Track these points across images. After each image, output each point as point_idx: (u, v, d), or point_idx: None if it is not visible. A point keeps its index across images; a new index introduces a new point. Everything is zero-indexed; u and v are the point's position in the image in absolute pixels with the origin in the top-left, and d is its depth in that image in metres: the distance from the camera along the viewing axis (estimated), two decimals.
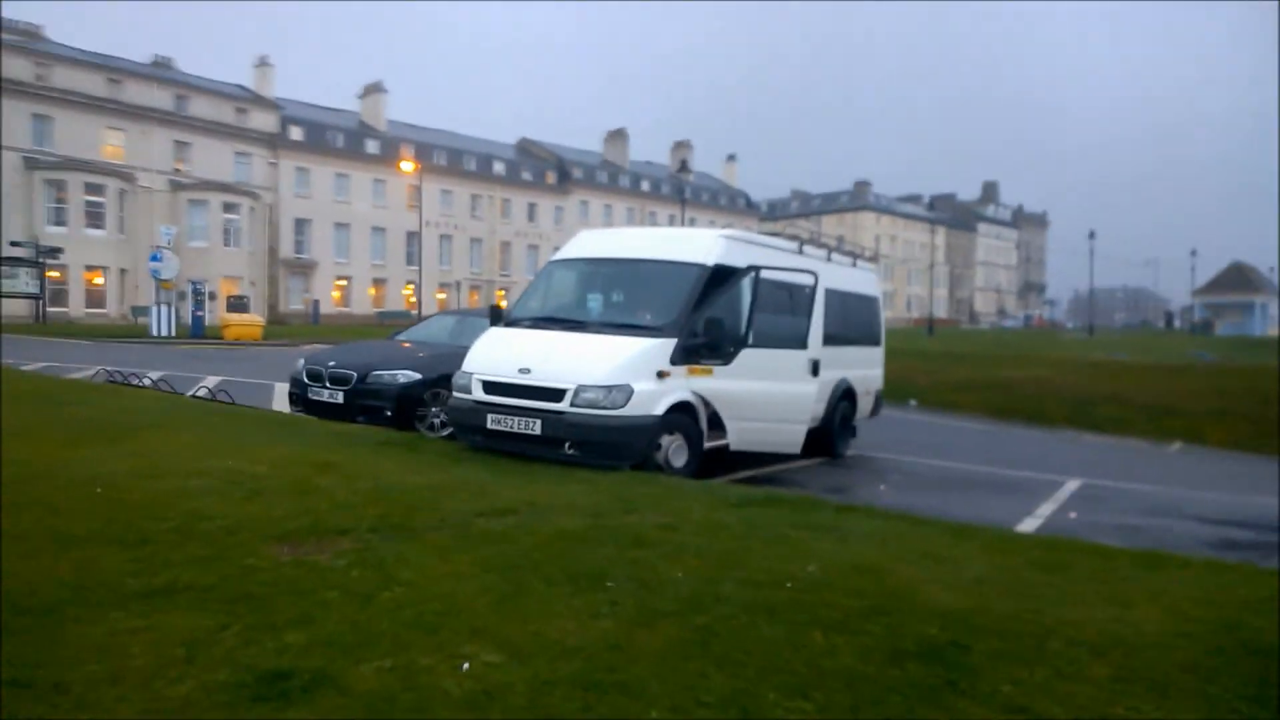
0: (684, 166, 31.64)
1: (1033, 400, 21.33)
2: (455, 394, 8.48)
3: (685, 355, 8.12)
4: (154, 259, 27.81)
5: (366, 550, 4.65)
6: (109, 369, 14.11)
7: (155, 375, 14.49)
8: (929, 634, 3.75)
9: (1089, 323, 77.26)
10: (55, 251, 36.04)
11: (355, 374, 10.30)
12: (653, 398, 7.81)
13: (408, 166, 48.51)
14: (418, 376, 10.26)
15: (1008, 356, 30.15)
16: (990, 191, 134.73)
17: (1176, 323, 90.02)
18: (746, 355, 8.28)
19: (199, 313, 28.27)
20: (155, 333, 27.39)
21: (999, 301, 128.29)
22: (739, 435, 8.52)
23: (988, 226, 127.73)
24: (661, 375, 7.91)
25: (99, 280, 46.64)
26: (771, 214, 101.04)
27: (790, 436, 8.63)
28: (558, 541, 4.90)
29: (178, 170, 52.10)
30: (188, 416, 9.26)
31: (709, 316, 8.17)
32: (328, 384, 10.39)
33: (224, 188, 52.55)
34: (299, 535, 4.87)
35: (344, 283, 61.97)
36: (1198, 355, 39.31)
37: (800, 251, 10.26)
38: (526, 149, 78.54)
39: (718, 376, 8.28)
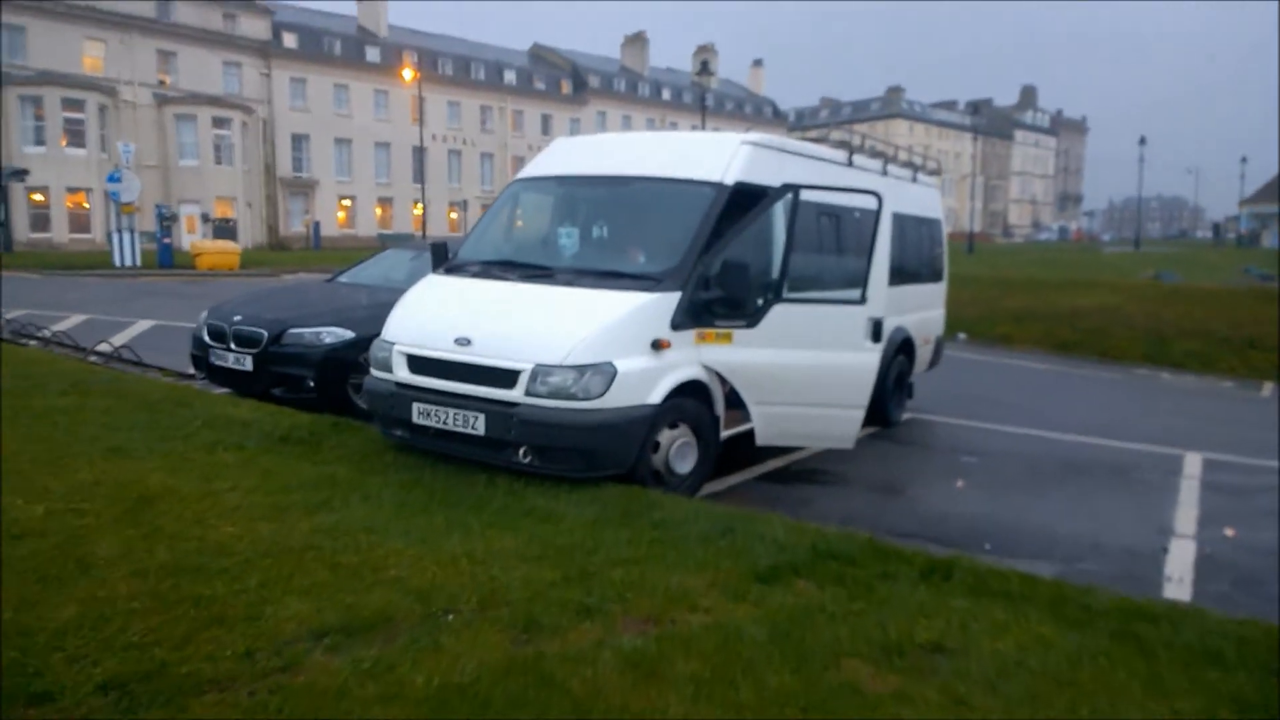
0: (705, 68, 28.33)
1: (1099, 333, 18.68)
2: (372, 371, 6.12)
3: (693, 315, 5.71)
4: (112, 179, 25.01)
5: None
6: (9, 317, 11.85)
7: (68, 324, 12.25)
8: None
9: (1135, 235, 73.20)
10: (21, 174, 33.43)
11: (266, 332, 7.92)
12: (646, 380, 5.43)
13: (408, 75, 45.14)
14: (350, 335, 7.87)
15: (1064, 281, 27.26)
16: (1029, 97, 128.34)
17: (1225, 234, 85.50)
18: (780, 313, 5.82)
19: (165, 240, 25.76)
20: (118, 263, 24.93)
21: (1034, 213, 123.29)
22: (768, 425, 6.12)
23: (1025, 134, 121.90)
24: (659, 346, 5.51)
25: (85, 203, 44.14)
26: (799, 123, 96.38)
27: (840, 427, 6.22)
28: None
29: (162, 83, 48.90)
30: (35, 399, 6.99)
31: (727, 259, 5.71)
32: (232, 345, 8.05)
33: (213, 101, 49.40)
34: None
35: (348, 203, 59.16)
36: (1251, 272, 36.19)
37: (850, 164, 7.67)
38: (539, 56, 74.26)
39: (739, 344, 5.85)
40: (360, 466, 5.53)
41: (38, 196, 42.88)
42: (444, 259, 6.78)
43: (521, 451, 5.33)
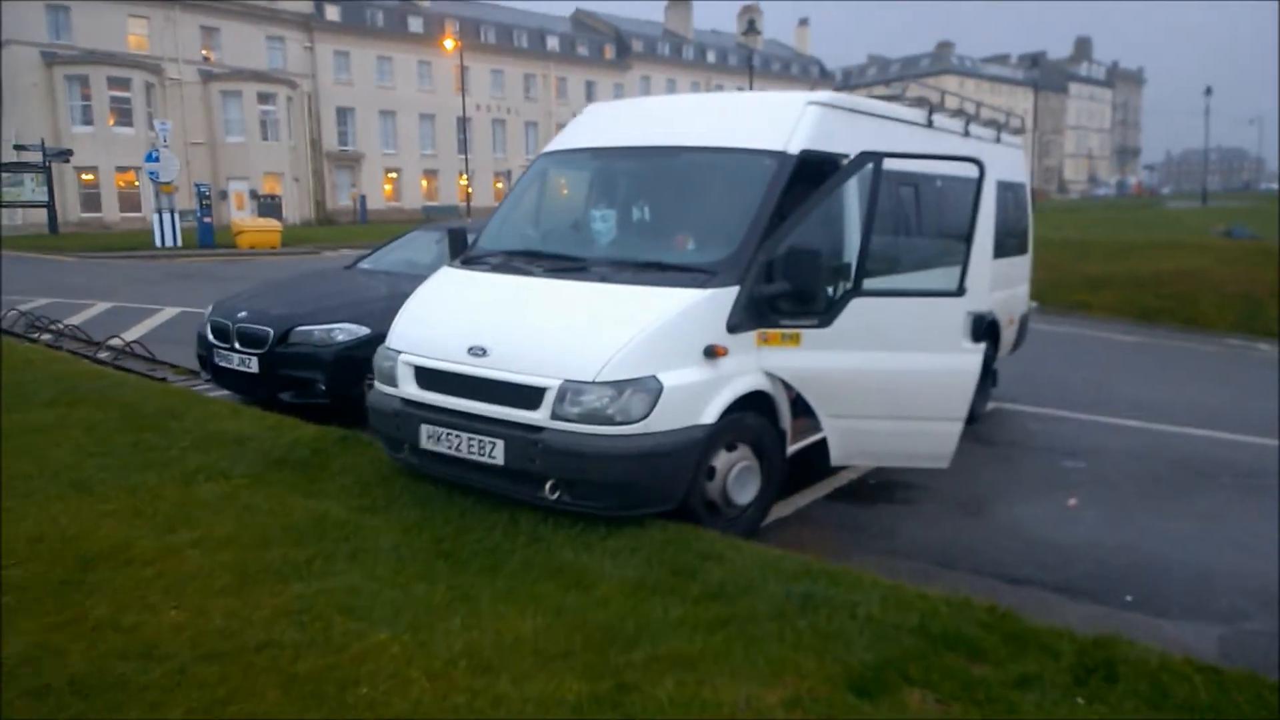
0: (751, 27, 26.84)
1: (1185, 299, 17.20)
2: (376, 384, 5.25)
3: (754, 313, 4.72)
4: (150, 159, 24.53)
5: None
6: (24, 309, 11.27)
7: (90, 313, 11.70)
8: None
9: (1201, 189, 69.68)
10: (65, 154, 33.23)
11: (271, 331, 7.10)
12: (698, 396, 4.47)
13: (449, 45, 44.18)
14: (365, 332, 7.00)
15: (1141, 242, 25.42)
16: (1083, 48, 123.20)
17: None
18: (858, 309, 4.78)
19: (206, 219, 25.27)
20: (159, 243, 24.53)
21: (1090, 168, 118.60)
22: (845, 442, 5.11)
23: (1080, 87, 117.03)
24: (713, 354, 4.53)
25: (135, 182, 44.14)
26: (847, 83, 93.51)
27: (933, 444, 5.17)
28: None
29: (206, 59, 48.65)
30: (13, 413, 6.27)
31: (794, 245, 4.69)
32: (237, 345, 7.24)
33: (258, 76, 49.03)
34: None
35: (394, 175, 58.65)
36: None
37: (930, 124, 6.55)
38: (582, 21, 72.78)
39: (809, 346, 4.83)
40: (360, 501, 4.67)
41: (88, 176, 43.10)
42: (463, 247, 5.86)
43: (549, 486, 4.41)
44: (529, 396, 4.43)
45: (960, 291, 4.86)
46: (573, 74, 66.55)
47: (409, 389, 4.91)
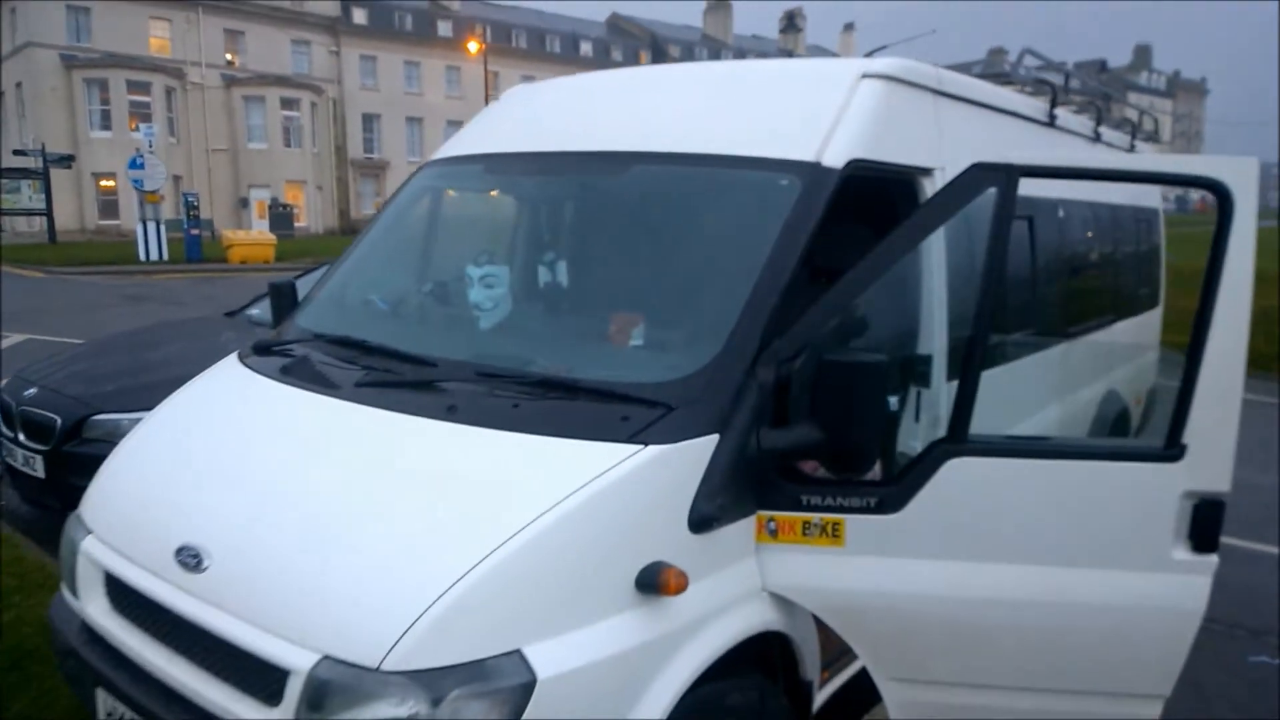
0: (791, 23, 24.24)
1: None
2: (62, 586, 2.92)
3: (750, 482, 2.31)
4: (134, 165, 22.67)
5: None
6: None
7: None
8: None
9: (1278, 206, 65.74)
10: (66, 159, 31.71)
11: (59, 420, 4.86)
12: (621, 681, 2.08)
13: (473, 47, 42.25)
14: None
15: None
16: (1143, 56, 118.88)
17: None
18: (962, 478, 2.36)
19: (194, 231, 23.29)
20: (143, 256, 22.61)
21: None
22: None
23: (1139, 97, 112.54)
24: (658, 586, 2.11)
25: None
26: None
27: None
28: None
29: (230, 63, 47.31)
30: None
31: (833, 348, 2.30)
32: (20, 435, 5.01)
33: (282, 81, 47.56)
34: None
35: None
36: None
37: (1051, 122, 4.09)
38: (617, 26, 70.87)
39: (860, 548, 2.41)
40: None
41: (107, 183, 41.84)
42: (285, 313, 3.54)
43: None
44: (259, 679, 2.08)
45: (1173, 451, 2.39)
46: None
47: (94, 605, 2.59)
